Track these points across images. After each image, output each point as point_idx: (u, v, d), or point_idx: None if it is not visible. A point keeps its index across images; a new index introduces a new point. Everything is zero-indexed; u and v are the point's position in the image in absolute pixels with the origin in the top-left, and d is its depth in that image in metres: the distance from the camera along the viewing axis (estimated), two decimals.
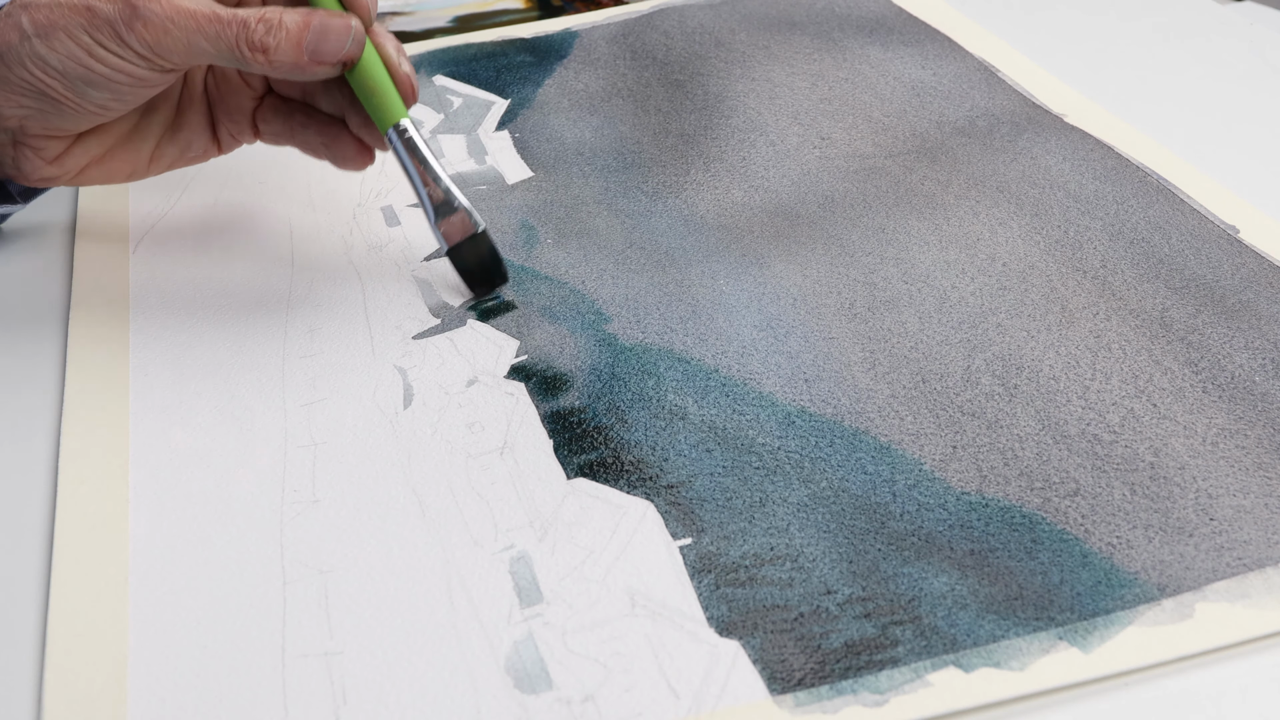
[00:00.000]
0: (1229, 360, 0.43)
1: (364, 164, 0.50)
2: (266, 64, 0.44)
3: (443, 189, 0.47)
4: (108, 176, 0.49)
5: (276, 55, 0.44)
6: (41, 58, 0.43)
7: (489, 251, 0.48)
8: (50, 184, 0.48)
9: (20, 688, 0.34)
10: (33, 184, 0.48)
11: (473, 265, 0.48)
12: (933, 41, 0.66)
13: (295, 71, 0.45)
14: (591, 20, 0.71)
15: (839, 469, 0.40)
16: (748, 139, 0.58)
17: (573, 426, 0.42)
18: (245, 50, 0.44)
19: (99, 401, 0.44)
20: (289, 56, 0.44)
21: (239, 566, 0.37)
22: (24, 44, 0.43)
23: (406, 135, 0.47)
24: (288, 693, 0.33)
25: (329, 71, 0.46)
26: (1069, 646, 0.34)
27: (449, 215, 0.47)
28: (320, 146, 0.50)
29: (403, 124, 0.47)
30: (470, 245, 0.48)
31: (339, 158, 0.50)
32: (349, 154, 0.49)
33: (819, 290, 0.48)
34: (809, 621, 0.35)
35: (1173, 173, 0.54)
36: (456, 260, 0.48)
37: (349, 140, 0.49)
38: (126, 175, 0.50)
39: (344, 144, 0.49)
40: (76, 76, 0.43)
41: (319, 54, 0.45)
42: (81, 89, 0.44)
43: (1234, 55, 0.65)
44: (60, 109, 0.45)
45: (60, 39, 0.43)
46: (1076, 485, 0.39)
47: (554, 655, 0.34)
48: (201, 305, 0.49)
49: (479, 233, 0.48)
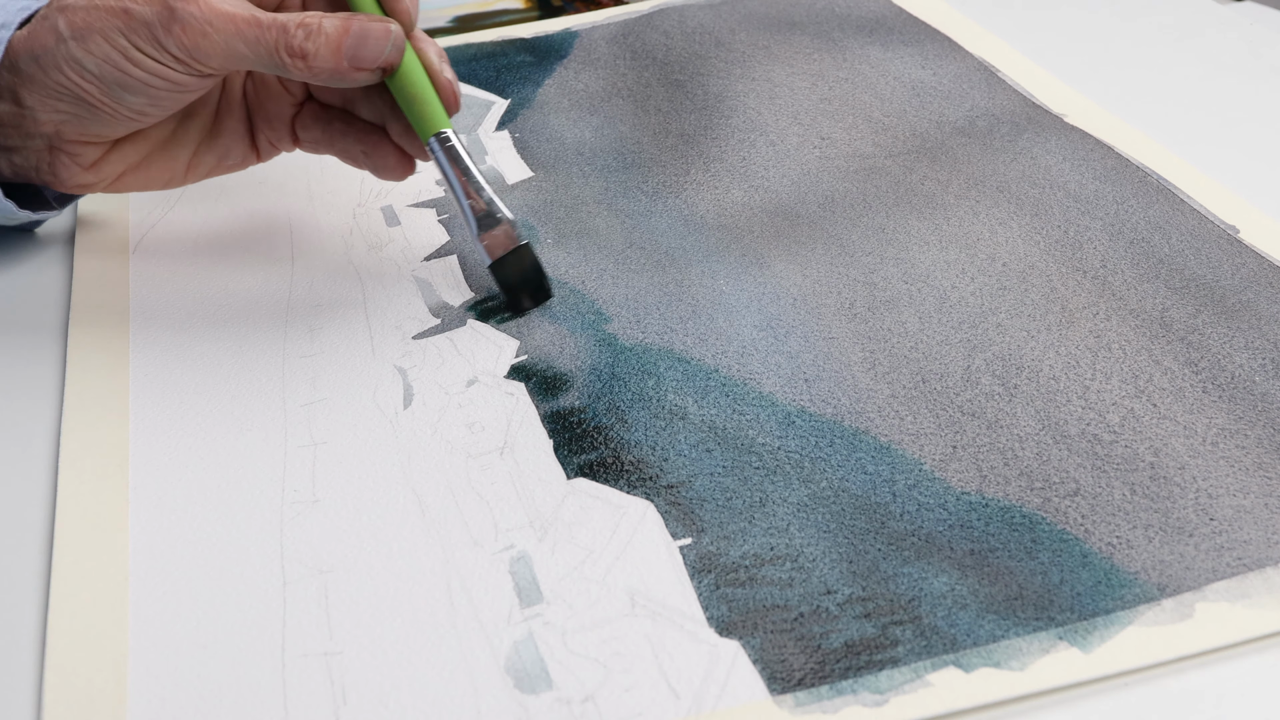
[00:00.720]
0: (1229, 360, 0.43)
1: (405, 173, 0.49)
2: (306, 70, 0.43)
3: (485, 200, 0.46)
4: (144, 184, 0.49)
5: (316, 61, 0.43)
6: (78, 61, 0.43)
7: (532, 265, 0.47)
8: (86, 190, 0.48)
9: (20, 688, 0.34)
10: (69, 190, 0.48)
11: (515, 280, 0.47)
12: (933, 41, 0.66)
13: (334, 78, 0.44)
14: (591, 20, 0.71)
15: (839, 469, 0.40)
16: (748, 139, 0.58)
17: (573, 426, 0.42)
18: (284, 56, 0.43)
19: (99, 402, 0.44)
20: (328, 62, 0.43)
21: (239, 566, 0.37)
22: (60, 47, 0.43)
23: (449, 144, 0.46)
24: (288, 693, 0.33)
25: (369, 78, 0.45)
26: (1069, 646, 0.34)
27: (492, 228, 0.46)
28: (360, 155, 0.49)
29: (445, 133, 0.46)
30: (514, 259, 0.46)
31: (379, 167, 0.49)
32: (389, 163, 0.49)
33: (819, 290, 0.48)
34: (809, 621, 0.35)
35: (1173, 173, 0.54)
36: (499, 274, 0.47)
37: (389, 149, 0.48)
38: (164, 183, 0.49)
39: (384, 152, 0.48)
40: (113, 80, 0.43)
41: (358, 59, 0.44)
42: (118, 93, 0.43)
43: (1234, 55, 0.65)
44: (96, 114, 0.44)
45: (97, 42, 0.42)
46: (1076, 485, 0.39)
47: (554, 655, 0.34)
48: (201, 305, 0.49)
49: (522, 245, 0.46)
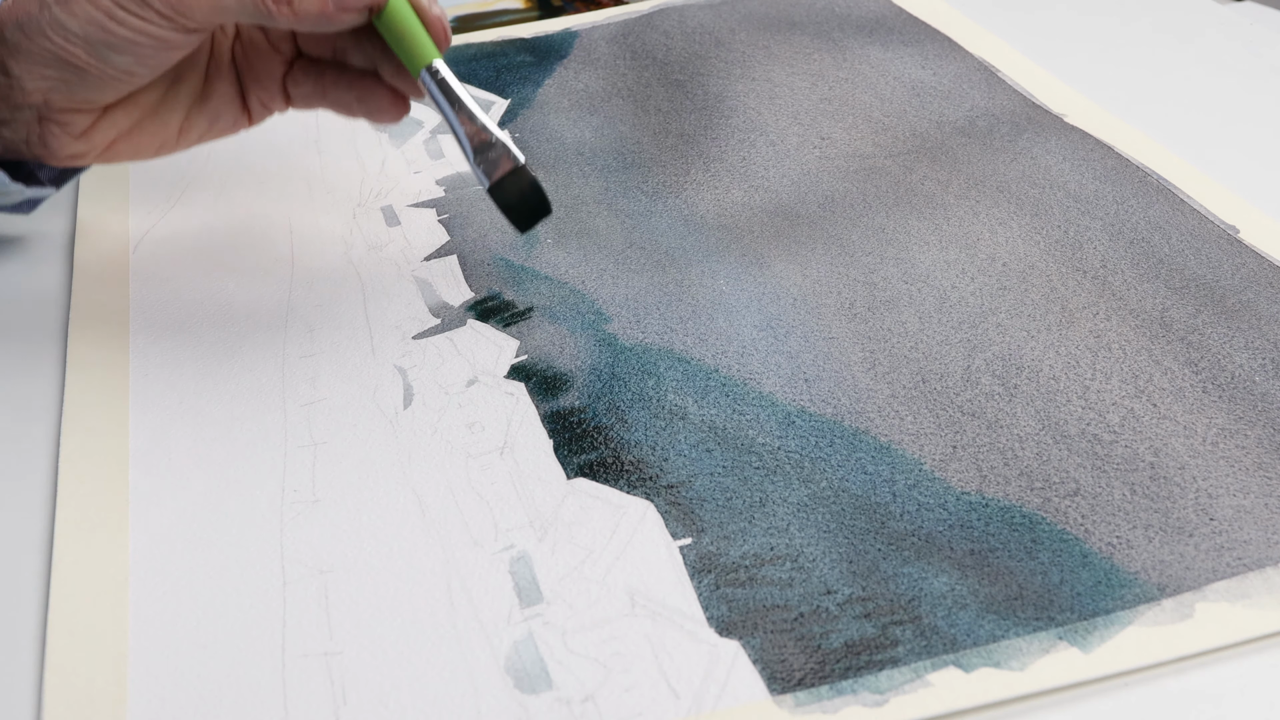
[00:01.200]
0: (1229, 360, 0.43)
1: (400, 114, 0.49)
2: (292, 16, 0.43)
3: (479, 125, 0.46)
4: (136, 151, 0.48)
5: (302, 5, 0.43)
6: (62, 24, 0.42)
7: (530, 184, 0.46)
8: (78, 161, 0.48)
9: (20, 688, 0.34)
10: (61, 162, 0.47)
11: (514, 201, 0.46)
12: (933, 41, 0.66)
13: (321, 21, 0.44)
14: (591, 20, 0.71)
15: (839, 469, 0.40)
16: (748, 139, 0.58)
17: (573, 426, 0.42)
18: (269, 3, 0.43)
19: (99, 402, 0.44)
20: (314, 6, 0.43)
21: (239, 566, 0.37)
22: (44, 13, 0.43)
23: (439, 76, 0.46)
24: (288, 693, 0.33)
25: (355, 19, 0.45)
26: (1069, 646, 0.34)
27: (487, 152, 0.46)
28: (354, 102, 0.49)
29: (435, 65, 0.46)
30: (512, 180, 0.46)
31: (374, 111, 0.49)
32: (384, 105, 0.49)
33: (819, 290, 0.48)
34: (809, 621, 0.35)
35: (1173, 173, 0.54)
36: (498, 197, 0.46)
37: (383, 92, 0.48)
38: (155, 149, 0.49)
39: (378, 96, 0.49)
40: (99, 41, 0.43)
41: (344, 1, 0.44)
42: (105, 54, 0.43)
43: (1234, 55, 0.65)
44: (84, 77, 0.44)
45: (80, 3, 0.42)
46: (1076, 485, 0.39)
47: (554, 655, 0.34)
48: (201, 305, 0.49)
49: (520, 166, 0.46)
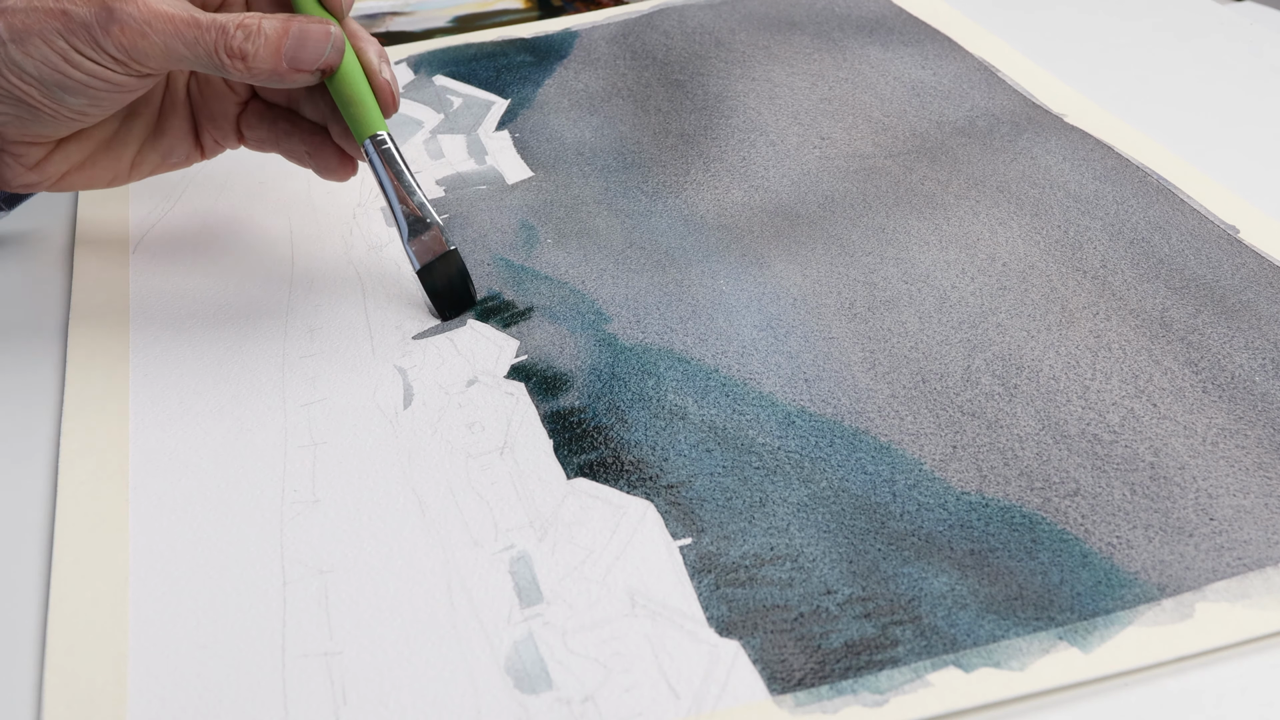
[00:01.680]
0: (1229, 360, 0.43)
1: (346, 175, 0.49)
2: (245, 71, 0.43)
3: (417, 203, 0.46)
4: (89, 182, 0.49)
5: (255, 62, 0.43)
6: (17, 64, 0.42)
7: (458, 271, 0.47)
8: (31, 189, 0.48)
9: (20, 688, 0.34)
10: (13, 190, 0.48)
11: (441, 286, 0.47)
12: (933, 41, 0.66)
13: (274, 79, 0.44)
14: (591, 20, 0.71)
15: (839, 469, 0.40)
16: (748, 139, 0.58)
17: (573, 426, 0.42)
18: (224, 57, 0.43)
19: (99, 402, 0.44)
20: (267, 64, 0.43)
21: (239, 566, 0.37)
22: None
23: (384, 147, 0.46)
24: (288, 693, 0.34)
25: (308, 79, 0.45)
26: (1069, 646, 0.34)
27: (421, 233, 0.46)
28: (304, 155, 0.49)
29: (380, 135, 0.46)
30: (441, 265, 0.46)
31: (322, 167, 0.49)
32: (331, 164, 0.49)
33: (819, 290, 0.48)
34: (809, 621, 0.35)
35: (1173, 173, 0.54)
36: (426, 280, 0.47)
37: (332, 149, 0.49)
38: (108, 181, 0.49)
39: (327, 154, 0.49)
40: (53, 83, 0.43)
41: (298, 61, 0.44)
42: (59, 95, 0.43)
43: (1234, 55, 0.65)
44: (38, 115, 0.44)
45: (35, 44, 0.42)
46: (1076, 485, 0.39)
47: (554, 655, 0.34)
48: (201, 305, 0.49)
49: (450, 251, 0.46)
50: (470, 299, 0.48)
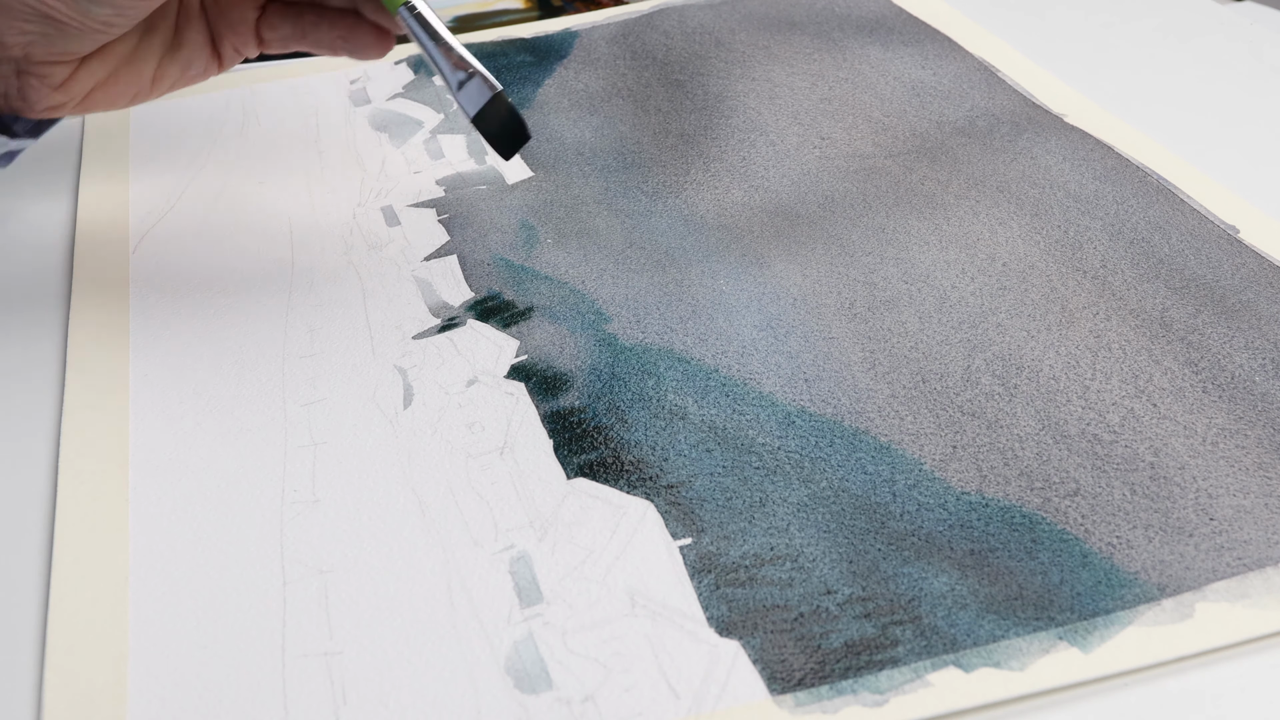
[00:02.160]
0: (1229, 360, 0.43)
1: (384, 49, 0.51)
2: None
3: (458, 57, 0.48)
4: (112, 100, 0.49)
5: None
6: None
7: (508, 111, 0.49)
8: (56, 112, 0.48)
9: (20, 688, 0.34)
10: (38, 114, 0.48)
11: (496, 129, 0.49)
12: (933, 41, 0.66)
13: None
14: (591, 20, 0.71)
15: (839, 469, 0.40)
16: (748, 139, 0.58)
17: (573, 426, 0.42)
18: None
19: (99, 401, 0.44)
20: None
21: (239, 566, 0.37)
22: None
23: (416, 11, 0.48)
24: (288, 693, 0.34)
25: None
26: (1069, 646, 0.34)
27: (467, 83, 0.48)
28: (336, 40, 0.50)
29: (411, 2, 0.48)
30: (492, 108, 0.48)
31: (357, 48, 0.51)
32: (367, 41, 0.50)
33: (819, 290, 0.48)
34: (809, 621, 0.35)
35: (1173, 173, 0.54)
36: (481, 125, 0.49)
37: (366, 29, 0.50)
38: (130, 98, 0.50)
39: (361, 33, 0.50)
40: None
41: None
42: (84, 6, 0.44)
43: (1234, 55, 0.65)
44: (64, 30, 0.44)
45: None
46: (1076, 485, 0.39)
47: (554, 655, 0.34)
48: (201, 305, 0.49)
49: (499, 93, 0.48)
50: (525, 133, 0.49)
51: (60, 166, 0.58)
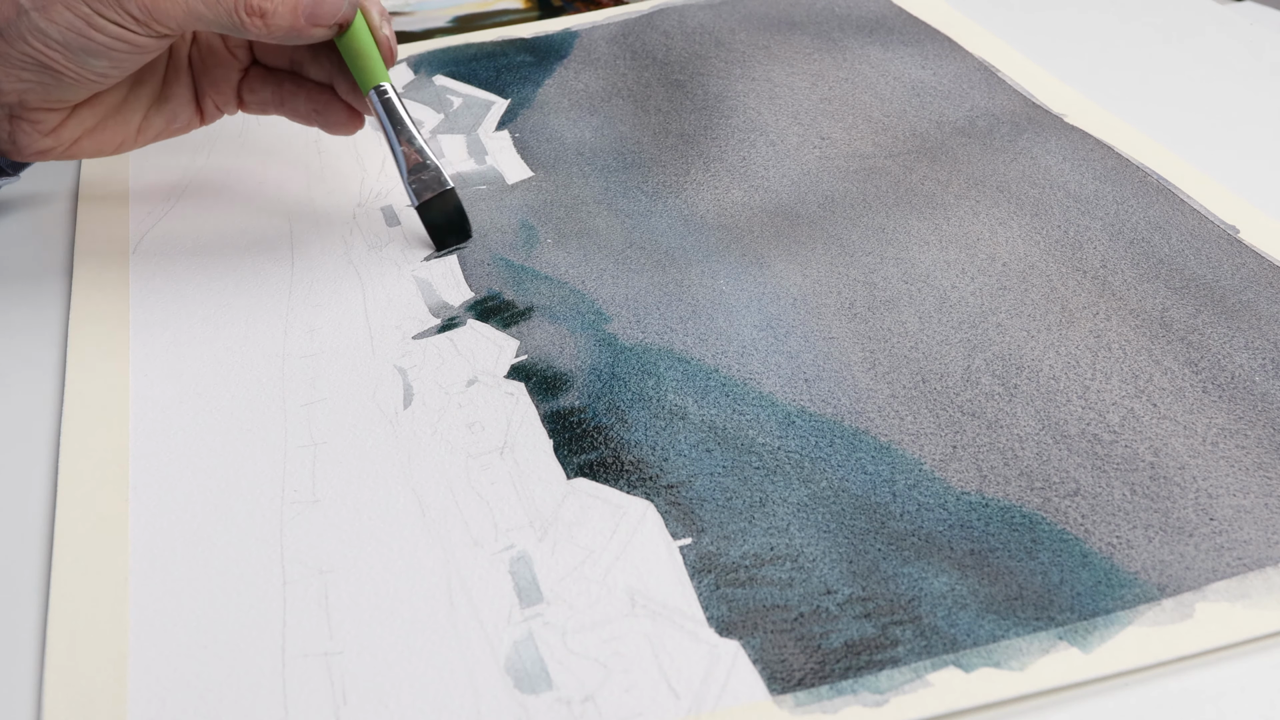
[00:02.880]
0: (1229, 360, 0.43)
1: (354, 128, 0.52)
2: (264, 28, 0.45)
3: (416, 148, 0.50)
4: (98, 148, 0.50)
5: (274, 20, 0.45)
6: (41, 31, 0.44)
7: (455, 208, 0.51)
8: (44, 157, 0.49)
9: (20, 688, 0.34)
10: (27, 158, 0.49)
11: (439, 221, 0.51)
12: (933, 41, 0.66)
13: (292, 35, 0.46)
14: (591, 20, 0.71)
15: (839, 469, 0.40)
16: (748, 139, 0.58)
17: (573, 426, 0.42)
18: (242, 15, 0.45)
19: (99, 401, 0.44)
20: (286, 21, 0.45)
21: (239, 566, 0.37)
22: (22, 19, 0.44)
23: (386, 96, 0.49)
24: (288, 693, 0.33)
25: (324, 34, 0.47)
26: (1069, 646, 0.34)
27: (421, 173, 0.50)
28: (311, 113, 0.52)
29: (383, 85, 0.49)
30: (439, 201, 0.50)
31: (329, 123, 0.52)
32: (339, 119, 0.52)
33: (819, 290, 0.48)
34: (809, 621, 0.35)
35: (1173, 173, 0.54)
36: (424, 215, 0.51)
37: (339, 106, 0.51)
38: (116, 146, 0.51)
39: (334, 110, 0.51)
40: (78, 47, 0.44)
41: (316, 17, 0.46)
42: (82, 59, 0.45)
43: (1234, 55, 0.65)
44: (61, 80, 0.45)
45: (58, 10, 0.43)
46: (1076, 485, 0.39)
47: (554, 655, 0.34)
48: (201, 305, 0.49)
49: (448, 190, 0.50)
50: (466, 232, 0.51)
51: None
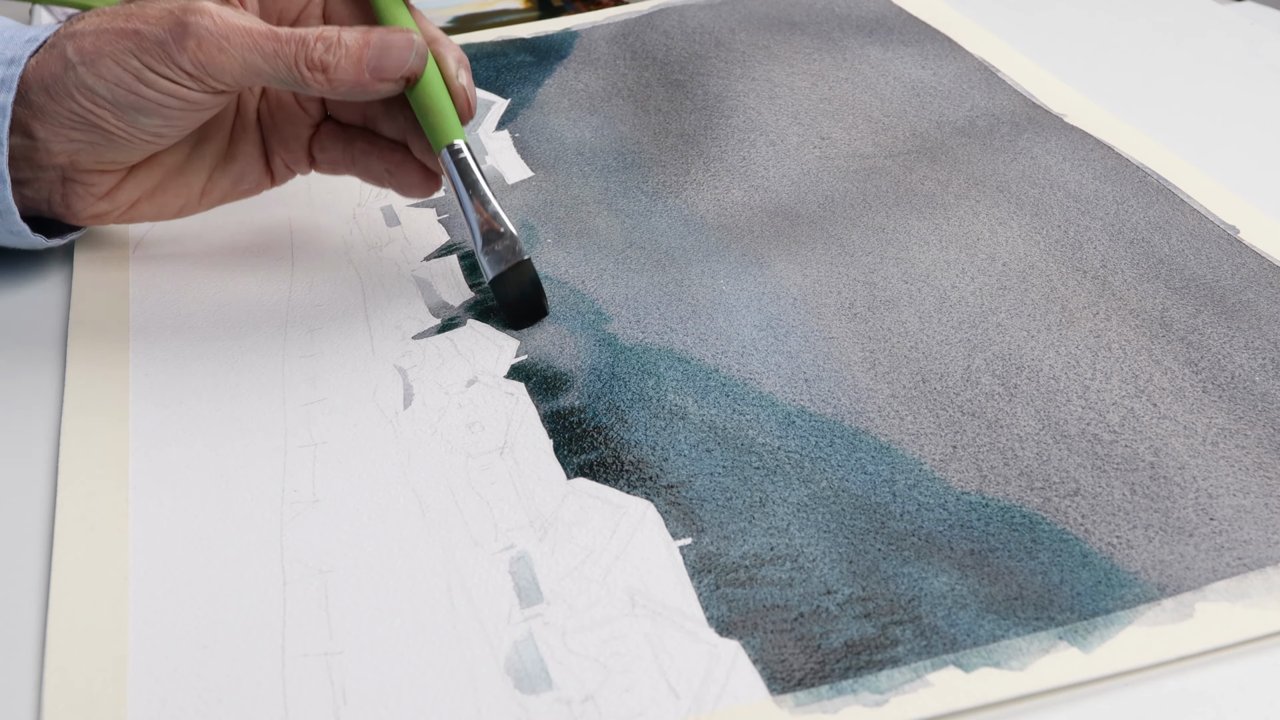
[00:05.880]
0: (1229, 360, 0.43)
1: (430, 190, 0.48)
2: (326, 83, 0.42)
3: (491, 213, 0.45)
4: (158, 212, 0.48)
5: (336, 74, 0.42)
6: (89, 87, 0.42)
7: (531, 281, 0.46)
8: (99, 221, 0.47)
9: (20, 688, 0.34)
10: (82, 222, 0.47)
11: (514, 296, 0.46)
12: (933, 41, 0.66)
13: (356, 90, 0.43)
14: (591, 20, 0.71)
15: (839, 469, 0.40)
16: (748, 139, 0.58)
17: (573, 426, 0.42)
18: (304, 70, 0.42)
19: (99, 402, 0.44)
20: (349, 75, 0.42)
21: (239, 566, 0.37)
22: (69, 74, 0.42)
23: (460, 155, 0.45)
24: (288, 693, 0.34)
25: (391, 89, 0.44)
26: (1069, 646, 0.34)
27: (495, 243, 0.45)
28: (384, 174, 0.48)
29: (457, 144, 0.45)
30: (514, 274, 0.46)
31: (404, 185, 0.48)
32: (414, 180, 0.48)
33: (819, 290, 0.48)
34: (809, 621, 0.35)
35: (1173, 173, 0.54)
36: (498, 290, 0.46)
37: (413, 166, 0.48)
38: (177, 210, 0.48)
39: (409, 170, 0.48)
40: (126, 104, 0.42)
41: (380, 70, 0.43)
42: (132, 116, 0.43)
43: (1234, 55, 0.65)
44: (111, 140, 0.43)
45: (108, 65, 0.42)
46: (1076, 485, 0.39)
47: (554, 655, 0.34)
48: (201, 305, 0.49)
49: (523, 261, 0.46)
50: (542, 309, 0.47)
51: None
